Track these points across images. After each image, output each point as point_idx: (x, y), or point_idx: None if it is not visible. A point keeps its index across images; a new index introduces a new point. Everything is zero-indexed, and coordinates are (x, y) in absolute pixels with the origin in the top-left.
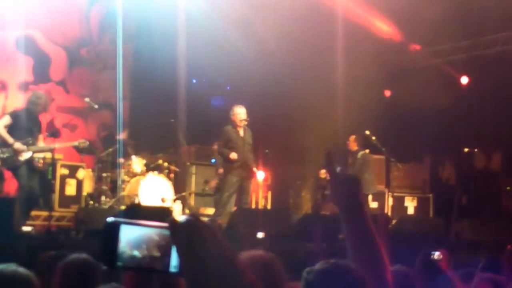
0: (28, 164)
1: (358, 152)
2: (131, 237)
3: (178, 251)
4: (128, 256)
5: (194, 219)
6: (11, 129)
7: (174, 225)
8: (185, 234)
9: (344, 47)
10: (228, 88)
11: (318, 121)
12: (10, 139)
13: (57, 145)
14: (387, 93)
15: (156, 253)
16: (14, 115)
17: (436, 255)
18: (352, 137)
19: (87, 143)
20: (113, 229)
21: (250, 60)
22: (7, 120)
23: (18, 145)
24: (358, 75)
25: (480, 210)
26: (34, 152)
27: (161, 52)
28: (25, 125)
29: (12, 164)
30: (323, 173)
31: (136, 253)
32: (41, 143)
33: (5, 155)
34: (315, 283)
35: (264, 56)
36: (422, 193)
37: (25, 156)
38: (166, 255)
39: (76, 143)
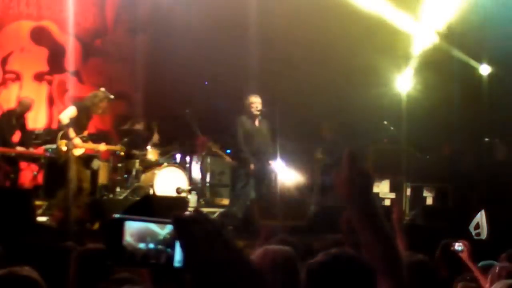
0: (79, 160)
1: (336, 140)
2: (136, 231)
3: (182, 246)
4: (133, 249)
5: (197, 214)
6: (72, 121)
7: (177, 221)
8: (188, 230)
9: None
10: None
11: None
12: (72, 133)
13: (103, 147)
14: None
15: (161, 246)
16: (79, 108)
17: (458, 246)
18: (325, 125)
19: (124, 149)
20: (118, 226)
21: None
22: (73, 112)
23: (78, 141)
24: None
25: (500, 201)
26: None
27: (177, 42)
28: (83, 121)
29: (67, 158)
30: (318, 154)
31: (141, 245)
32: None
33: (66, 148)
34: (318, 274)
35: None
36: (441, 184)
37: (79, 151)
38: (171, 248)
39: (118, 148)
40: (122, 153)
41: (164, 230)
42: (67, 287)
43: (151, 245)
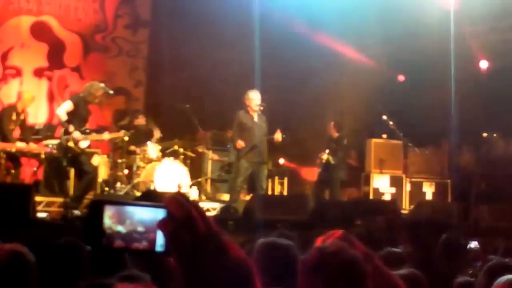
0: (84, 152)
1: (341, 138)
2: (115, 214)
3: (164, 229)
4: (113, 232)
5: (178, 196)
6: (70, 115)
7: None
8: (170, 212)
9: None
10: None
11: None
12: (71, 127)
13: (107, 135)
14: (401, 78)
15: (140, 228)
16: (75, 101)
17: (474, 244)
18: (331, 123)
19: (128, 134)
20: (97, 209)
21: None
22: (69, 106)
23: (77, 134)
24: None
25: (499, 196)
26: (91, 141)
27: (177, 36)
28: (83, 113)
29: (72, 152)
30: (323, 155)
31: (120, 228)
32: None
33: (71, 143)
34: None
35: None
36: (440, 179)
37: (83, 144)
38: (151, 232)
39: (121, 133)
40: (127, 138)
41: (143, 211)
42: (69, 282)
43: (131, 225)
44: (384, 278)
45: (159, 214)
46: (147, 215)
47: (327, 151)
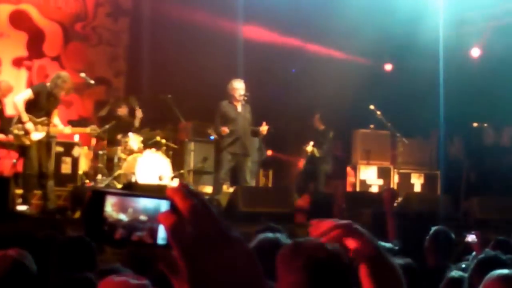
0: (39, 144)
1: (327, 131)
2: (117, 202)
3: (165, 223)
4: (114, 220)
5: (182, 187)
6: (30, 104)
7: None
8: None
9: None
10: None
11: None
12: (25, 117)
13: (68, 129)
14: (388, 67)
15: (143, 217)
16: (36, 91)
17: (471, 238)
18: (317, 116)
19: (98, 130)
20: (98, 199)
21: None
22: (29, 94)
23: (30, 125)
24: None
25: (490, 188)
26: (46, 132)
27: (158, 25)
28: (44, 104)
29: (22, 142)
30: (308, 147)
31: (122, 216)
32: (59, 125)
33: (20, 132)
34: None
35: None
36: (429, 170)
37: (36, 136)
38: (154, 221)
39: (88, 130)
40: (95, 136)
41: (150, 203)
42: (48, 276)
43: (133, 213)
44: (387, 266)
45: (163, 205)
46: (150, 204)
47: (312, 143)
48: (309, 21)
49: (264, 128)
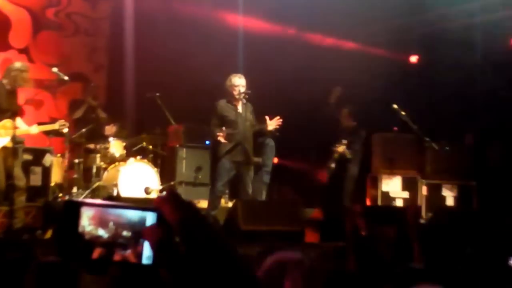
0: (5, 151)
1: (359, 129)
2: (96, 215)
3: (150, 239)
4: (91, 237)
5: (172, 197)
6: None
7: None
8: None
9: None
10: None
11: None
12: None
13: (35, 129)
14: (413, 58)
15: (127, 233)
16: None
17: None
18: (345, 111)
19: (67, 124)
20: (73, 211)
21: None
22: None
23: None
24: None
25: None
26: (11, 137)
27: (145, 11)
28: (6, 105)
29: None
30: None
31: (101, 232)
32: (22, 126)
33: None
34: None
35: None
36: (464, 180)
37: (3, 141)
38: (139, 238)
39: (56, 126)
40: (65, 131)
41: (135, 216)
42: None
43: (115, 229)
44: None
45: (149, 217)
46: (135, 217)
47: (344, 141)
48: (318, 9)
49: (271, 124)
